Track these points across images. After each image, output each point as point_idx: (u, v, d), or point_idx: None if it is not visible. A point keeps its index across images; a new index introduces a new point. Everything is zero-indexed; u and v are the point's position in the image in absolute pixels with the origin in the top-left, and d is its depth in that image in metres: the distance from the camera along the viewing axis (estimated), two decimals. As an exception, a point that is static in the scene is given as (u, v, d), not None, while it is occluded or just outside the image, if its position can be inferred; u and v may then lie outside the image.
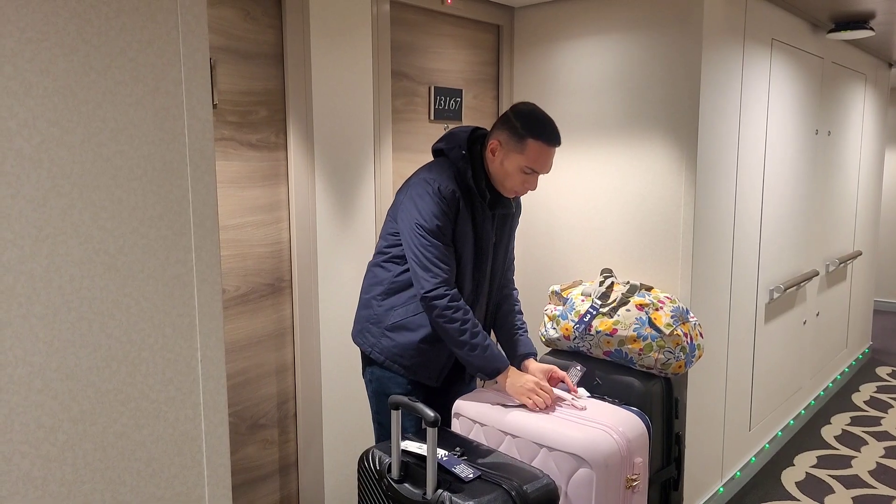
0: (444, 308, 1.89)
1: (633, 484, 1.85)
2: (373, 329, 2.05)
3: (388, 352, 2.02)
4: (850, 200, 4.53)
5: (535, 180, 2.00)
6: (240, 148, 2.14)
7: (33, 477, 1.03)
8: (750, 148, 2.99)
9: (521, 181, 1.98)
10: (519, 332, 2.19)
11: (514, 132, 1.95)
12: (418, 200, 1.93)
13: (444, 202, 1.91)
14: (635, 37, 2.62)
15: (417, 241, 1.91)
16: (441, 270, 1.90)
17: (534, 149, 1.93)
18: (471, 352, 1.92)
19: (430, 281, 1.89)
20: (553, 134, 1.96)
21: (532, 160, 1.94)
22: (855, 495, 3.17)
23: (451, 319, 1.90)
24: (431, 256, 1.90)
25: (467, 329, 1.91)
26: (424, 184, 1.94)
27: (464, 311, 1.91)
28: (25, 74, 0.98)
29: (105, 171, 1.07)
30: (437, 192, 1.91)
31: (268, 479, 2.35)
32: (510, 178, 1.98)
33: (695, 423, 2.71)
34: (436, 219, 1.90)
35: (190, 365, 1.20)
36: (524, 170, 1.95)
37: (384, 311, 2.03)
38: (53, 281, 1.03)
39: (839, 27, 3.51)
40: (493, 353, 1.95)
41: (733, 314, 2.99)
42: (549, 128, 1.96)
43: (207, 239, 1.21)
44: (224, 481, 1.27)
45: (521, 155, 1.94)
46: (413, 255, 1.92)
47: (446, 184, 1.92)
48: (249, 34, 2.13)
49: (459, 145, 1.99)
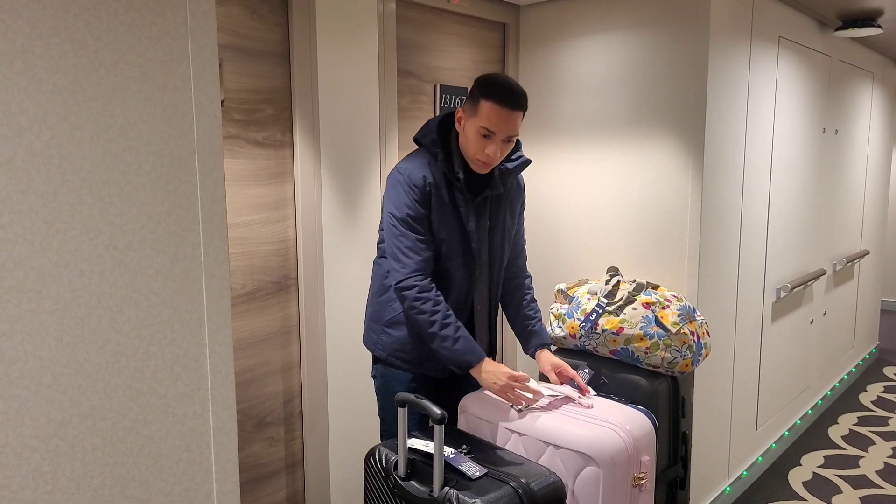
0: (414, 299, 1.87)
1: (640, 482, 1.84)
2: (374, 326, 2.06)
3: (389, 348, 2.02)
4: (858, 199, 4.51)
5: (494, 146, 1.91)
6: (246, 146, 2.15)
7: (43, 471, 1.04)
8: (757, 146, 2.98)
9: (481, 147, 1.91)
10: (532, 321, 2.17)
11: (472, 98, 1.92)
12: (391, 191, 1.93)
13: (414, 191, 1.89)
14: (641, 35, 2.62)
15: (390, 231, 1.91)
16: (412, 261, 1.88)
17: (486, 109, 1.87)
18: (441, 343, 1.88)
19: (401, 271, 1.89)
20: (507, 94, 1.88)
21: (485, 119, 1.88)
22: (862, 495, 3.16)
23: (420, 311, 1.87)
24: (402, 246, 1.89)
25: (436, 320, 1.87)
26: (397, 174, 1.93)
27: (433, 302, 1.88)
28: (36, 70, 0.98)
29: (114, 167, 1.08)
30: (408, 181, 1.90)
31: (274, 477, 2.35)
32: (472, 145, 1.92)
33: (701, 422, 2.70)
34: (406, 208, 1.89)
35: (198, 361, 1.21)
36: (480, 132, 1.89)
37: (381, 308, 2.03)
38: (63, 276, 1.03)
39: (847, 25, 3.50)
40: (465, 346, 1.90)
41: (740, 313, 2.98)
42: (503, 88, 1.89)
43: (216, 235, 1.21)
44: (232, 477, 1.27)
45: (476, 117, 1.89)
46: (387, 246, 1.93)
47: (417, 171, 1.91)
48: (256, 32, 2.13)
49: (431, 130, 1.97)
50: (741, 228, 2.90)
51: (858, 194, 4.51)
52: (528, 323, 2.17)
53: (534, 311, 2.19)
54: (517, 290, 2.20)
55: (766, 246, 3.18)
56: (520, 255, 2.22)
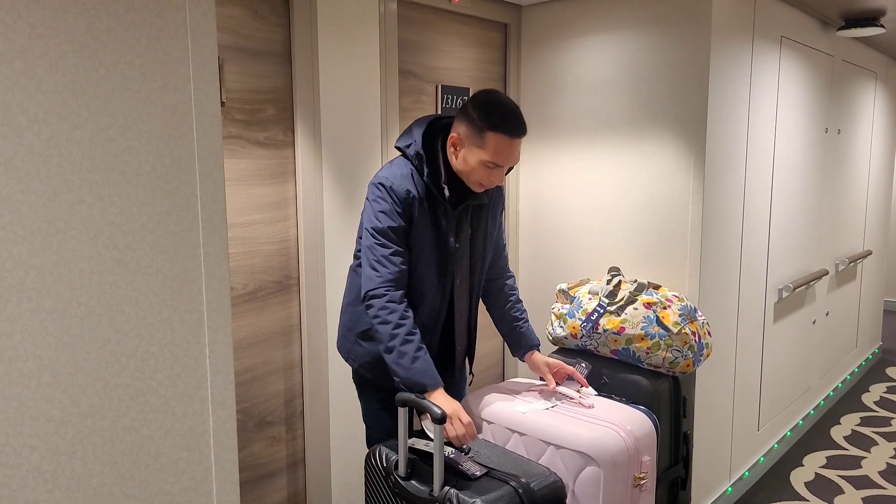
0: (381, 307, 1.79)
1: (640, 482, 1.84)
2: (348, 335, 2.01)
3: (360, 359, 1.99)
4: (860, 199, 4.50)
5: (500, 174, 1.85)
6: (248, 146, 2.15)
7: (43, 471, 1.04)
8: (759, 146, 2.98)
9: (485, 175, 1.84)
10: (520, 323, 2.13)
11: (473, 125, 1.81)
12: (371, 201, 1.85)
13: (396, 203, 1.82)
14: (643, 34, 2.61)
15: (367, 240, 1.84)
16: (388, 271, 1.81)
17: (494, 142, 1.79)
18: (398, 359, 1.77)
19: (374, 280, 1.80)
20: (514, 125, 1.80)
21: (493, 154, 1.80)
22: (865, 496, 3.15)
23: (384, 321, 1.78)
24: (378, 255, 1.81)
25: (398, 334, 1.77)
26: (378, 184, 1.85)
27: (400, 315, 1.79)
28: (35, 70, 0.99)
29: (114, 167, 1.08)
30: (390, 192, 1.82)
31: (275, 477, 2.35)
32: (474, 173, 1.84)
33: (703, 423, 2.70)
34: (386, 217, 1.81)
35: (198, 360, 1.21)
36: (487, 164, 1.81)
37: (357, 317, 1.97)
38: (63, 276, 1.04)
39: (849, 24, 3.49)
40: (421, 368, 1.77)
41: (742, 313, 2.97)
42: (509, 118, 1.80)
43: (216, 235, 1.22)
44: (232, 477, 1.27)
45: (482, 149, 1.80)
46: (364, 255, 1.86)
47: (400, 183, 1.83)
48: (257, 32, 2.14)
49: (415, 141, 1.87)
50: (743, 228, 2.90)
51: (861, 194, 4.50)
52: (516, 325, 2.13)
53: (520, 313, 2.14)
54: (500, 291, 2.15)
55: (767, 246, 3.17)
56: (501, 255, 2.16)
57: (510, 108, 1.83)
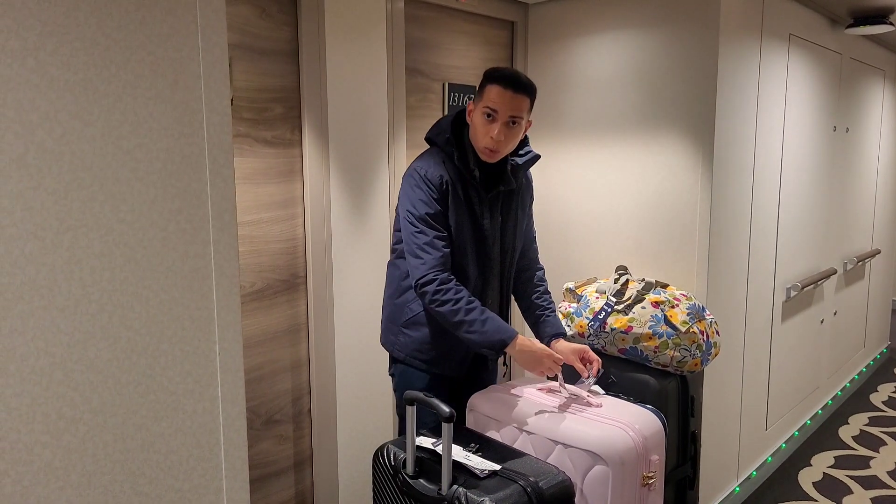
0: (434, 292, 1.87)
1: (649, 482, 1.84)
2: (392, 327, 2.07)
3: (407, 348, 2.03)
4: (869, 198, 4.48)
5: (495, 127, 1.92)
6: (255, 144, 2.15)
7: (55, 467, 1.04)
8: (767, 145, 2.96)
9: (486, 131, 1.93)
10: (546, 311, 2.18)
11: (480, 86, 1.97)
12: (408, 190, 1.95)
13: (432, 189, 1.91)
14: (651, 32, 2.60)
15: (408, 229, 1.92)
16: (431, 257, 1.89)
17: (490, 91, 1.92)
18: (469, 328, 1.87)
19: (420, 268, 1.89)
20: (511, 77, 1.93)
21: (489, 100, 1.92)
22: (873, 496, 3.13)
23: (441, 302, 1.87)
24: (420, 243, 1.90)
25: (460, 308, 1.87)
26: (413, 172, 1.96)
27: (454, 291, 1.88)
28: (47, 67, 0.99)
29: (125, 164, 1.08)
30: (424, 179, 1.92)
31: (283, 475, 2.35)
32: (479, 131, 1.95)
33: (711, 422, 2.69)
34: (424, 206, 1.90)
35: (208, 358, 1.21)
36: (484, 112, 1.92)
37: (398, 309, 2.04)
38: (74, 273, 1.04)
39: (858, 22, 3.47)
40: (495, 326, 1.89)
41: (750, 312, 2.96)
42: (507, 72, 1.94)
43: (225, 232, 1.22)
44: (242, 474, 1.27)
45: (482, 100, 1.94)
46: (406, 245, 1.94)
47: (433, 170, 1.93)
48: (265, 31, 2.14)
49: (444, 129, 2.00)
50: (751, 227, 2.89)
51: (870, 193, 4.48)
52: (542, 314, 2.18)
53: (547, 302, 2.20)
54: (529, 282, 2.21)
55: (776, 245, 3.16)
56: (530, 247, 2.23)
57: (513, 69, 1.99)
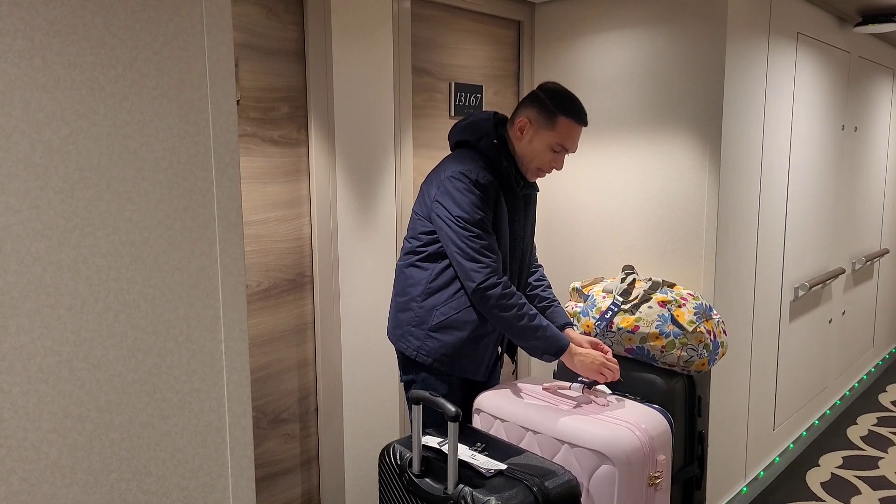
0: (500, 297, 1.88)
1: (655, 482, 1.83)
2: (416, 332, 2.00)
3: (435, 353, 1.99)
4: (877, 197, 4.45)
5: (562, 159, 2.01)
6: (262, 144, 2.15)
7: (61, 465, 1.05)
8: (775, 144, 2.95)
9: (549, 159, 1.99)
10: (553, 304, 2.22)
11: (545, 109, 1.96)
12: (456, 194, 1.90)
13: (483, 193, 1.91)
14: (658, 31, 2.60)
15: (461, 234, 1.89)
16: (490, 260, 1.89)
17: (565, 125, 1.95)
18: (533, 335, 1.91)
19: (481, 272, 1.88)
20: (583, 112, 1.99)
21: (563, 137, 1.96)
22: (882, 496, 3.11)
23: (507, 307, 1.88)
24: (478, 247, 1.89)
25: (525, 314, 1.90)
26: (462, 176, 1.91)
27: (518, 297, 1.91)
28: (53, 67, 0.99)
29: (131, 164, 1.08)
30: (476, 183, 1.90)
31: (289, 474, 2.36)
32: (539, 157, 1.98)
33: (718, 422, 2.68)
34: (478, 210, 1.90)
35: (214, 356, 1.21)
36: (554, 147, 1.96)
37: (426, 312, 1.99)
38: (81, 272, 1.04)
39: (866, 20, 3.45)
40: (554, 333, 1.94)
41: (757, 312, 2.95)
42: (578, 105, 1.98)
43: (231, 231, 1.22)
44: (248, 473, 1.27)
45: (552, 132, 1.95)
46: (458, 248, 1.90)
47: (482, 174, 1.92)
48: (271, 31, 2.14)
49: (487, 133, 1.99)
50: (758, 226, 2.87)
51: (878, 192, 4.45)
52: (550, 306, 2.21)
53: (551, 295, 2.24)
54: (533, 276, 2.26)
55: (783, 244, 3.15)
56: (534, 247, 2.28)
57: (578, 99, 2.02)
